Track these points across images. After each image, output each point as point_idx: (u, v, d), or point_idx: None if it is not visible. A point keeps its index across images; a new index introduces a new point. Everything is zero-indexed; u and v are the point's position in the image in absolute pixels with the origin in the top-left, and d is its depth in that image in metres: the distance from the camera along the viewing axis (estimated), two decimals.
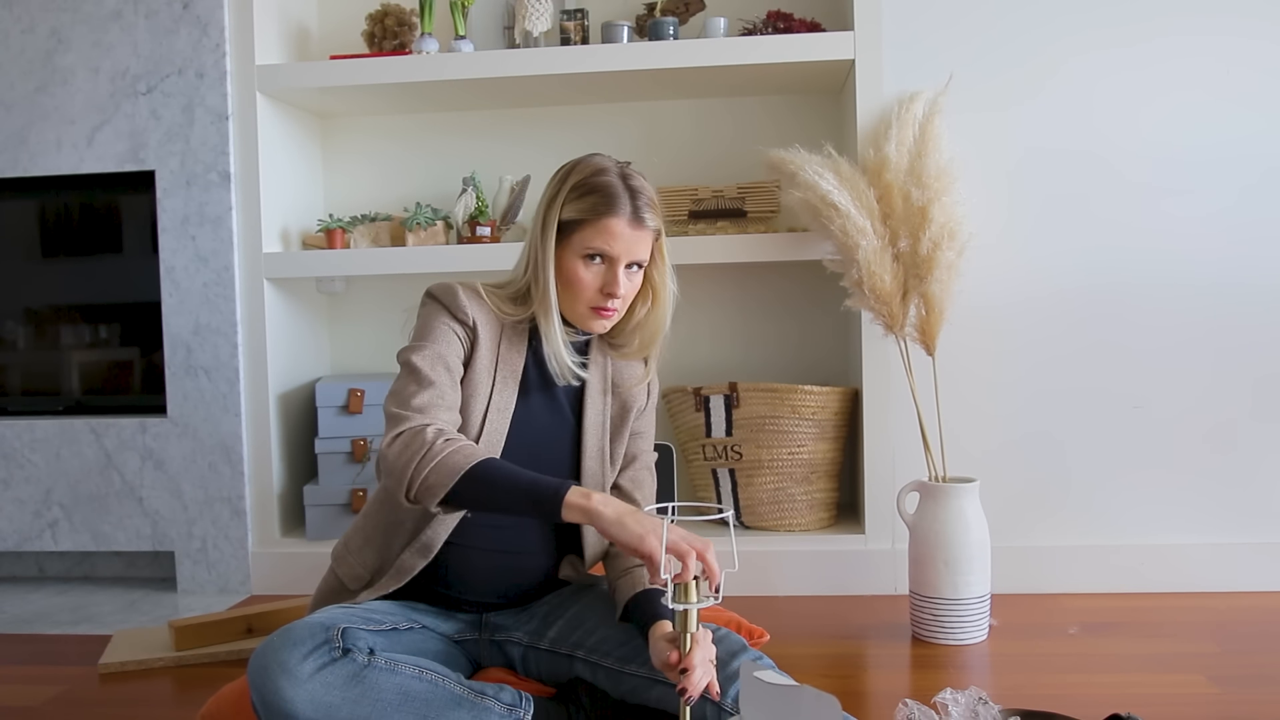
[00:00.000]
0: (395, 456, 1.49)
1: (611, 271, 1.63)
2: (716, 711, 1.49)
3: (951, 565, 2.21)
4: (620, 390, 1.78)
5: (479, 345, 1.66)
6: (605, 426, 1.76)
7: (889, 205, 2.40)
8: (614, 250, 1.62)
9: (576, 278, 1.64)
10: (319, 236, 2.87)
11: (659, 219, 1.66)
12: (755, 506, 2.69)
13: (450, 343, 1.64)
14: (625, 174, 1.65)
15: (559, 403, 1.74)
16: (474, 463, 1.46)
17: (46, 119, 2.78)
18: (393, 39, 2.84)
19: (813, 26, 2.71)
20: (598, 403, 1.76)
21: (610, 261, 1.63)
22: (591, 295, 1.64)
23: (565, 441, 1.74)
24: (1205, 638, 2.21)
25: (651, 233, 1.66)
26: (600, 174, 1.64)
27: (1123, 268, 2.58)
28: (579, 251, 1.63)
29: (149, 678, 2.13)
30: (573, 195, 1.64)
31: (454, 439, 1.50)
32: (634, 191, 1.63)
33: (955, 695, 1.65)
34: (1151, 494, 2.59)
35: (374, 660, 1.46)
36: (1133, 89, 2.56)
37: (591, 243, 1.62)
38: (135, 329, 2.95)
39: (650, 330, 1.74)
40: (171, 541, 2.80)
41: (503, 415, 1.67)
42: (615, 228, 1.61)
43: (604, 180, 1.63)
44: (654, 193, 1.67)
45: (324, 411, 2.78)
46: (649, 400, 1.82)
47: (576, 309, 1.67)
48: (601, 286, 1.64)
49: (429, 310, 1.68)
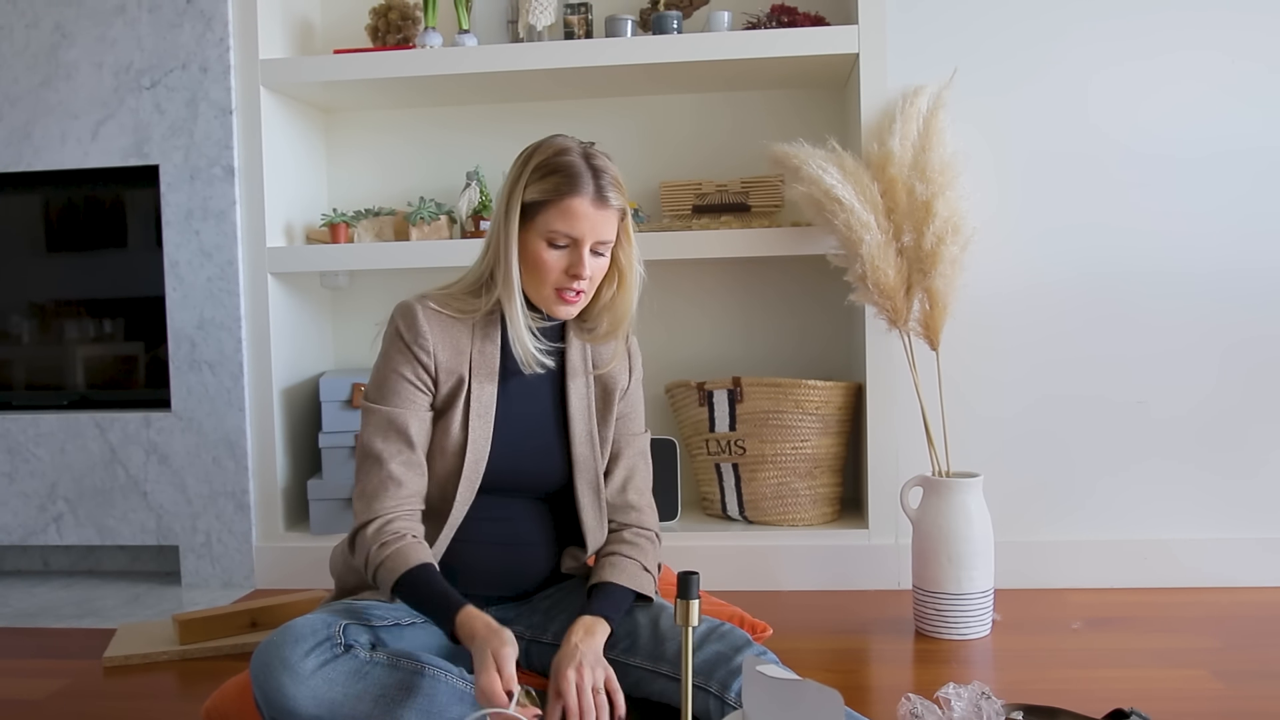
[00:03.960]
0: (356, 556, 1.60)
1: (576, 253, 1.60)
2: (720, 706, 1.49)
3: (955, 560, 2.21)
4: (600, 370, 1.76)
5: (441, 367, 1.65)
6: (590, 410, 1.75)
7: (893, 200, 2.40)
8: (578, 231, 1.59)
9: (541, 261, 1.61)
10: (323, 231, 2.87)
11: (623, 198, 1.64)
12: (759, 501, 2.69)
13: (403, 392, 1.64)
14: (588, 154, 1.63)
15: (541, 389, 1.73)
16: (394, 580, 1.53)
17: (51, 113, 2.78)
18: (396, 33, 2.84)
19: (816, 20, 2.71)
20: (580, 385, 1.74)
21: (575, 243, 1.60)
22: (556, 278, 1.62)
23: (551, 430, 1.73)
24: (1209, 633, 2.21)
25: (616, 212, 1.63)
26: (562, 154, 1.61)
27: (1128, 262, 2.57)
28: (543, 234, 1.61)
29: (153, 671, 2.14)
30: (535, 176, 1.62)
31: (389, 542, 1.55)
32: (597, 171, 1.61)
33: (958, 690, 1.65)
34: (1155, 489, 2.59)
35: (376, 656, 1.47)
36: (1138, 83, 2.55)
37: (555, 224, 1.59)
38: (139, 323, 2.96)
39: (618, 312, 1.71)
40: (176, 536, 2.81)
41: (484, 420, 1.66)
42: (578, 208, 1.59)
43: (566, 160, 1.60)
44: (618, 172, 1.64)
45: (328, 406, 2.79)
46: (631, 379, 1.80)
47: (542, 293, 1.64)
48: (567, 268, 1.61)
49: (389, 341, 1.68)
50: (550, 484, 1.73)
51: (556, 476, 1.72)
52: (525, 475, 1.71)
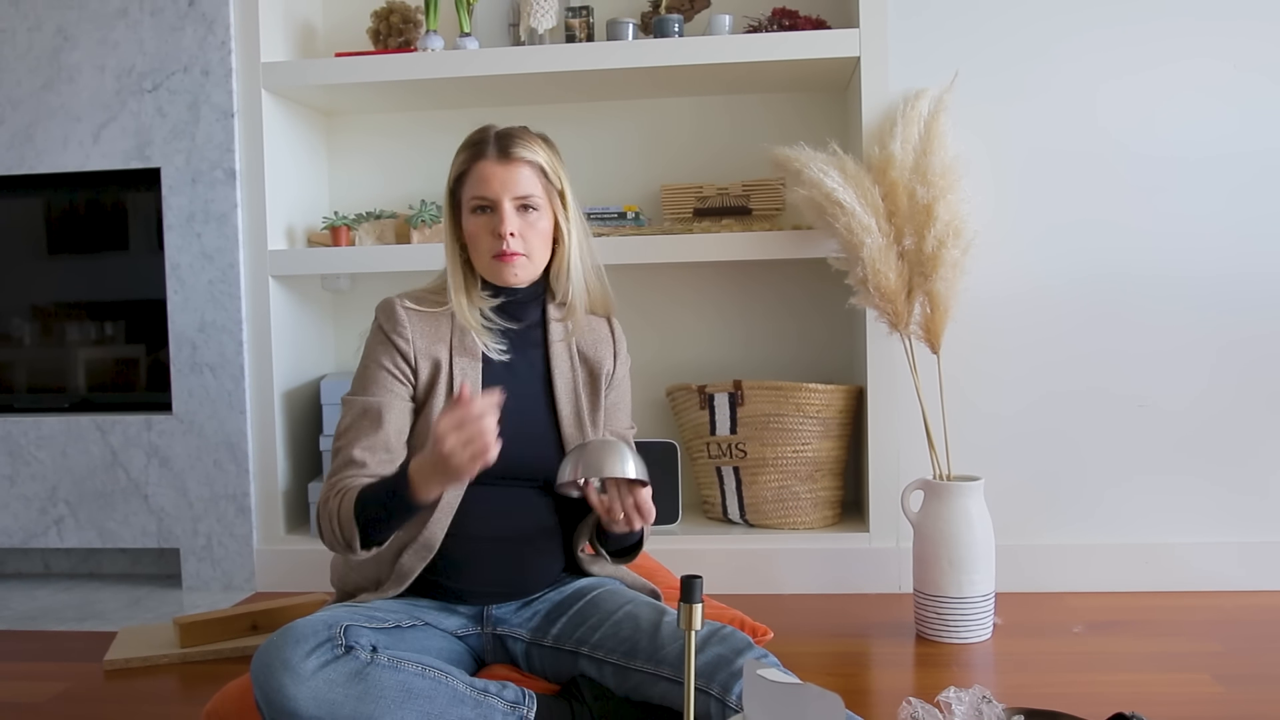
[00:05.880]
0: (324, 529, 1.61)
1: (497, 213, 1.68)
2: (721, 709, 1.49)
3: (956, 564, 2.21)
4: (585, 351, 1.80)
5: (420, 353, 1.71)
6: (576, 389, 1.78)
7: (894, 203, 2.40)
8: (491, 190, 1.68)
9: (473, 232, 1.71)
10: (324, 234, 2.87)
11: (536, 154, 1.71)
12: (760, 504, 2.69)
13: (380, 380, 1.69)
14: (502, 129, 1.73)
15: (526, 373, 1.76)
16: (354, 510, 1.54)
17: (53, 116, 2.79)
18: (398, 36, 2.84)
19: (818, 24, 2.71)
20: (564, 363, 1.78)
21: (494, 204, 1.68)
22: (488, 243, 1.70)
23: (540, 412, 1.75)
24: (1210, 637, 2.21)
25: (527, 165, 1.70)
26: (476, 132, 1.75)
27: (1128, 266, 2.57)
28: (469, 207, 1.71)
29: (154, 674, 2.14)
30: (456, 158, 1.75)
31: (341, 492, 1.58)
32: (502, 135, 1.72)
33: (959, 694, 1.65)
34: (1156, 492, 2.59)
35: (376, 658, 1.47)
36: (1138, 87, 2.56)
37: (473, 191, 1.70)
38: (141, 326, 2.96)
39: (574, 275, 1.76)
40: (177, 538, 2.81)
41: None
42: (485, 170, 1.69)
43: (477, 134, 1.74)
44: (536, 139, 1.73)
45: (329, 409, 2.79)
46: (617, 364, 1.83)
47: (484, 262, 1.72)
48: (493, 230, 1.69)
49: (370, 336, 1.74)
50: (543, 468, 1.73)
51: (548, 460, 1.73)
52: (516, 460, 1.71)
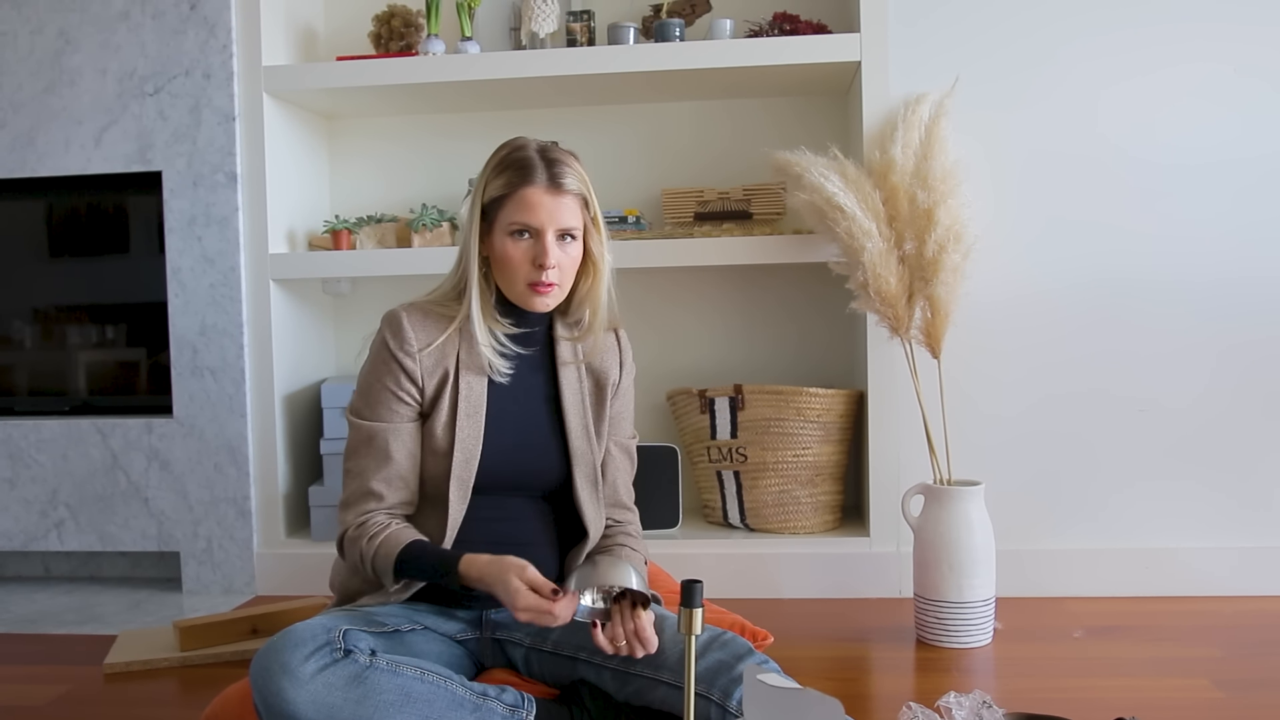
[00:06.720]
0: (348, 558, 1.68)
1: (540, 243, 1.63)
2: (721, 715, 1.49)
3: (956, 568, 2.21)
4: (591, 362, 1.78)
5: (427, 370, 1.67)
6: (585, 403, 1.76)
7: (894, 207, 2.40)
8: (536, 220, 1.62)
9: (508, 256, 1.64)
10: (325, 237, 2.87)
11: (582, 185, 1.66)
12: (760, 509, 2.69)
13: (387, 404, 1.67)
14: (544, 148, 1.67)
15: (533, 386, 1.74)
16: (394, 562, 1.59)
17: (54, 119, 2.79)
18: (399, 40, 2.84)
19: (819, 28, 2.71)
20: (572, 380, 1.76)
21: (536, 233, 1.63)
22: (526, 271, 1.64)
23: (546, 425, 1.74)
24: (1210, 642, 2.21)
25: (574, 197, 1.65)
26: (517, 150, 1.66)
27: (1128, 271, 2.57)
28: (505, 229, 1.64)
29: (154, 678, 2.14)
30: (493, 175, 1.66)
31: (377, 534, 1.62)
32: (550, 161, 1.64)
33: (959, 699, 1.65)
34: (1157, 498, 2.58)
35: (376, 661, 1.47)
36: (1138, 92, 2.56)
37: (515, 217, 1.63)
38: (142, 329, 2.96)
39: (596, 301, 1.73)
40: (177, 542, 2.81)
41: (474, 419, 1.67)
42: (533, 197, 1.62)
43: (520, 155, 1.65)
44: (577, 164, 1.67)
45: (329, 412, 2.79)
46: (623, 374, 1.81)
47: (515, 288, 1.66)
48: (533, 259, 1.64)
49: (376, 350, 1.70)
50: (549, 480, 1.73)
51: (555, 472, 1.73)
52: (522, 472, 1.71)
